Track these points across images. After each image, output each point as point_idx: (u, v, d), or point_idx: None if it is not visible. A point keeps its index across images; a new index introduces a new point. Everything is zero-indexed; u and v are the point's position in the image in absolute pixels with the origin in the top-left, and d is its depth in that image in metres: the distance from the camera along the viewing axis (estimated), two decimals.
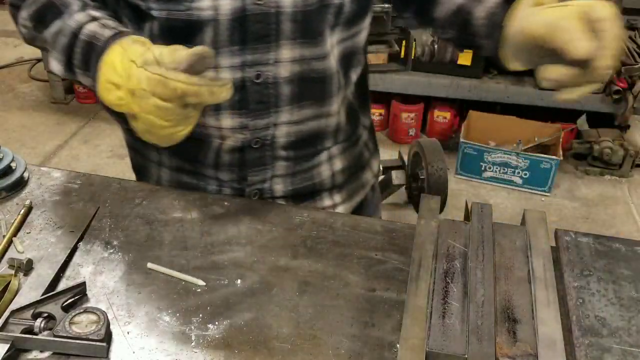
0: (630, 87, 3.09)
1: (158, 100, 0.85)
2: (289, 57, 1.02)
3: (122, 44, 0.91)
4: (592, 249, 0.94)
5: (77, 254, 0.93)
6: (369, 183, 1.30)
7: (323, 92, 1.08)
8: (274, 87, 1.04)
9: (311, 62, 1.03)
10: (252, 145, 1.09)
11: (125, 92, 0.88)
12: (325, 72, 1.06)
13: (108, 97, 0.91)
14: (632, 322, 0.82)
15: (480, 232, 0.94)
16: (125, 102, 0.89)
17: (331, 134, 1.15)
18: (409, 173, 2.71)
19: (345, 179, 1.22)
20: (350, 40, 1.09)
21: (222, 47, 0.99)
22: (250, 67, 1.01)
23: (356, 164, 1.24)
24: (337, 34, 1.05)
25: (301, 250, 0.96)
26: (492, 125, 3.23)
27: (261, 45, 1.00)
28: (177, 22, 0.98)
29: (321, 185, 1.19)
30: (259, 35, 0.99)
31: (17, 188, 1.08)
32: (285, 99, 1.05)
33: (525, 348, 0.76)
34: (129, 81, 0.87)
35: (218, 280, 0.89)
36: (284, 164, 1.13)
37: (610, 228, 2.85)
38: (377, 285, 0.89)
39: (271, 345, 0.79)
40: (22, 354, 0.77)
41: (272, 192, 1.15)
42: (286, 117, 1.07)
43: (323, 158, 1.17)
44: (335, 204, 1.22)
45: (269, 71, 1.02)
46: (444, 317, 0.80)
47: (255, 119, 1.06)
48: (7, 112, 3.70)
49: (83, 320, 0.78)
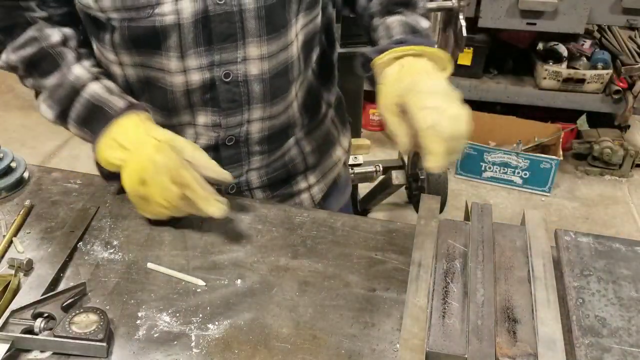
0: (630, 87, 3.09)
1: (167, 179, 0.93)
2: (257, 54, 1.01)
3: (139, 115, 0.99)
4: (592, 249, 0.94)
5: (77, 254, 0.93)
6: (341, 160, 1.31)
7: (288, 83, 1.08)
8: (244, 85, 1.04)
9: (279, 55, 1.03)
10: (226, 142, 1.10)
11: (128, 155, 0.96)
12: (289, 62, 1.06)
13: (107, 152, 0.97)
14: (632, 322, 0.82)
15: (480, 232, 0.95)
16: (122, 164, 0.96)
17: (297, 120, 1.15)
18: (409, 173, 2.70)
19: (317, 159, 1.23)
20: (312, 23, 1.09)
21: (188, 50, 0.99)
22: (219, 67, 1.01)
23: (325, 141, 1.25)
24: (300, 19, 1.05)
25: (301, 250, 0.96)
26: (492, 125, 3.23)
27: (227, 45, 1.00)
28: (139, 30, 0.97)
29: (294, 169, 1.20)
30: (224, 35, 0.99)
31: (17, 188, 1.08)
32: (256, 96, 1.05)
33: (525, 348, 0.76)
34: (138, 148, 0.95)
35: (218, 280, 0.89)
36: (258, 157, 1.14)
37: (610, 228, 2.85)
38: (377, 285, 0.89)
39: (271, 345, 0.79)
40: (22, 354, 0.77)
41: (249, 184, 1.17)
42: (258, 114, 1.08)
43: (291, 143, 1.18)
44: (310, 185, 1.24)
45: (238, 70, 1.02)
46: (444, 317, 0.80)
47: (227, 117, 1.07)
48: (7, 112, 3.69)
49: (83, 320, 0.78)
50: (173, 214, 0.97)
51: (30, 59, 1.03)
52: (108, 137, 0.98)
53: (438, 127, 0.85)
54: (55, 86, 1.03)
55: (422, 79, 0.92)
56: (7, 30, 1.03)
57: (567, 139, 3.32)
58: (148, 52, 1.00)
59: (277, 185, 1.20)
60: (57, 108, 1.03)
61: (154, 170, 0.94)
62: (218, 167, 0.97)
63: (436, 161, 0.85)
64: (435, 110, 0.87)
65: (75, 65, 1.04)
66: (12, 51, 1.03)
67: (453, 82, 0.92)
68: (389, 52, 0.97)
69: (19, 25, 1.03)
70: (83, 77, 1.03)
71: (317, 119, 1.23)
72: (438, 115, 0.86)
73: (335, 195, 1.31)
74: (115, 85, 1.05)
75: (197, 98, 1.05)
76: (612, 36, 3.35)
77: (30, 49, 1.02)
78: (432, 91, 0.90)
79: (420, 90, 0.90)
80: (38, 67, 1.04)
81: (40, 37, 1.02)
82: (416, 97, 0.89)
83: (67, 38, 1.05)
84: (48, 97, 1.04)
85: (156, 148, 0.95)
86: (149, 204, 0.97)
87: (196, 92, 1.04)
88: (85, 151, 3.69)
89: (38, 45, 1.02)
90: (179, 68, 1.00)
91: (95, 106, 1.01)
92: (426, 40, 1.00)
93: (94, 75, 1.04)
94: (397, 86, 0.92)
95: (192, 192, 0.92)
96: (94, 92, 1.02)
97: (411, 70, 0.94)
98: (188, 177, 0.92)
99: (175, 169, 0.93)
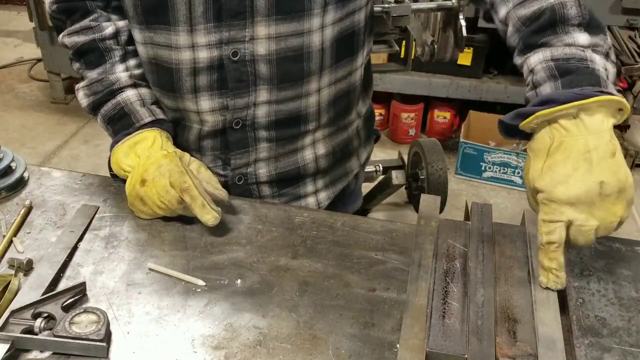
0: (630, 87, 3.09)
1: (167, 181, 0.96)
2: (265, 34, 1.01)
3: (161, 132, 1.06)
4: (592, 249, 0.94)
5: (77, 254, 0.94)
6: (354, 171, 1.29)
7: (302, 72, 1.07)
8: (251, 65, 1.04)
9: (288, 39, 1.02)
10: (233, 126, 1.11)
11: (137, 163, 1.01)
12: (305, 51, 1.04)
13: (121, 159, 1.03)
14: (632, 322, 0.82)
15: (480, 232, 0.95)
16: (130, 170, 1.01)
17: (313, 115, 1.14)
18: (408, 173, 2.70)
19: (329, 165, 1.22)
20: (348, 20, 1.07)
21: (197, 25, 1.00)
22: (227, 45, 1.02)
23: (342, 150, 1.24)
24: (330, 12, 1.02)
25: (301, 250, 0.96)
26: (492, 125, 3.22)
27: (236, 22, 1.00)
28: (150, 1, 1.00)
29: (305, 170, 1.19)
30: (233, 12, 0.99)
31: (17, 188, 1.08)
32: (263, 77, 1.05)
33: (525, 348, 0.76)
34: (149, 157, 1.00)
35: (218, 280, 0.89)
36: (266, 145, 1.14)
37: None
38: (377, 285, 0.89)
39: (271, 345, 0.79)
40: (22, 354, 0.77)
41: (257, 176, 1.16)
42: (265, 97, 1.07)
43: (307, 142, 1.17)
44: (317, 189, 1.23)
45: (246, 49, 1.02)
46: (444, 317, 0.80)
47: (234, 98, 1.07)
48: (7, 112, 3.69)
49: (83, 320, 0.78)
50: (167, 214, 1.00)
51: (80, 47, 1.11)
52: (126, 145, 1.04)
53: (558, 242, 0.79)
54: (95, 80, 1.10)
55: (563, 175, 0.79)
56: (68, 12, 1.12)
57: None
58: (158, 26, 1.02)
59: (284, 182, 1.19)
60: (91, 99, 1.11)
61: (156, 172, 0.97)
62: (218, 185, 1.03)
63: (548, 280, 0.82)
64: (561, 227, 0.79)
65: (119, 64, 1.11)
66: (68, 35, 1.12)
67: (453, 82, 0.90)
68: (534, 117, 0.82)
69: (80, 9, 1.11)
70: (122, 80, 1.10)
71: (342, 125, 1.21)
72: (561, 230, 0.79)
73: (342, 205, 1.30)
74: (151, 93, 1.13)
75: (204, 80, 1.06)
76: (612, 36, 3.35)
77: (83, 37, 1.10)
78: (567, 201, 0.79)
79: (553, 200, 0.79)
80: (85, 57, 1.11)
81: (95, 28, 1.10)
82: (547, 207, 0.80)
83: (119, 32, 1.11)
84: (86, 87, 1.12)
85: (163, 155, 1.00)
86: (145, 205, 0.99)
87: (203, 72, 1.05)
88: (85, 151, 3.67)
89: (91, 35, 1.09)
90: (187, 43, 1.02)
91: (124, 112, 1.09)
92: (578, 91, 0.80)
93: (133, 80, 1.11)
94: (537, 175, 0.82)
95: (190, 198, 0.95)
96: (127, 98, 1.10)
97: (560, 149, 0.80)
98: (189, 182, 0.95)
99: (178, 173, 0.96)
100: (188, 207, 0.96)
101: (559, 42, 0.86)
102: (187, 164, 1.02)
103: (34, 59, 4.18)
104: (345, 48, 1.10)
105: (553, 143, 0.81)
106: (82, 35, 1.10)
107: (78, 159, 3.29)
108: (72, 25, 1.11)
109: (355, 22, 1.08)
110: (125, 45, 1.12)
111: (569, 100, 0.79)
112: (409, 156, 2.72)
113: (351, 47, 1.11)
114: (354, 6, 1.07)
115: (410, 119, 3.43)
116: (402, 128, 3.47)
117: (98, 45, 1.10)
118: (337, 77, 1.12)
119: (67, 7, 1.12)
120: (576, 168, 0.78)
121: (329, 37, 1.05)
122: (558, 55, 0.86)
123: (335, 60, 1.09)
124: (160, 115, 1.11)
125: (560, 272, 0.82)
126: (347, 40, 1.09)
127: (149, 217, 1.01)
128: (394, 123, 3.49)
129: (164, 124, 1.10)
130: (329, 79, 1.11)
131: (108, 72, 1.10)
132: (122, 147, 1.04)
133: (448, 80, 3.18)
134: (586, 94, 0.80)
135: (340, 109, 1.18)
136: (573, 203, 0.78)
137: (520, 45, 0.91)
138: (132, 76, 1.12)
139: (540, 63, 0.87)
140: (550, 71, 0.85)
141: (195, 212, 0.95)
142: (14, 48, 4.45)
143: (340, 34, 1.07)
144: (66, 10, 1.12)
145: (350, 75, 1.15)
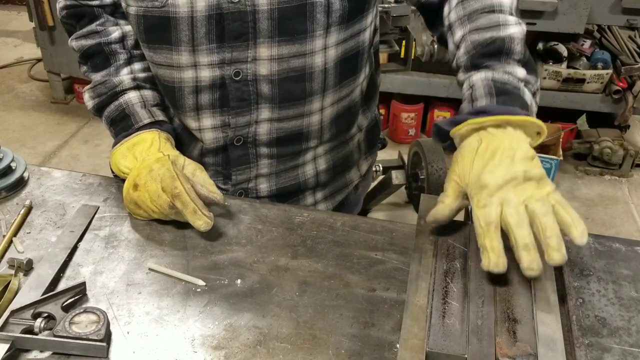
0: (630, 87, 3.09)
1: (159, 187, 0.96)
2: (267, 55, 1.02)
3: (160, 134, 1.06)
4: (592, 248, 0.94)
5: (77, 254, 0.94)
6: (353, 182, 1.30)
7: (304, 92, 1.07)
8: (253, 85, 1.04)
9: (290, 60, 1.02)
10: (235, 143, 1.11)
11: (134, 165, 1.01)
12: (307, 71, 1.05)
13: (120, 160, 1.03)
14: (632, 322, 0.82)
15: None
16: (128, 172, 1.01)
17: (314, 132, 1.14)
18: (408, 173, 2.70)
19: (329, 178, 1.23)
20: (353, 41, 1.07)
21: (199, 45, 1.01)
22: (229, 65, 1.03)
23: (342, 163, 1.24)
24: (333, 34, 1.03)
25: (301, 250, 0.96)
26: None
27: (239, 44, 1.01)
28: (153, 20, 1.01)
29: (305, 185, 1.20)
30: (236, 33, 1.00)
31: (17, 188, 1.08)
32: (265, 96, 1.06)
33: (525, 348, 0.76)
34: (145, 159, 1.00)
35: (218, 280, 0.89)
36: (267, 161, 1.14)
37: (610, 228, 2.85)
38: (377, 285, 0.89)
39: (271, 345, 0.79)
40: (22, 354, 0.77)
41: (257, 191, 1.17)
42: (267, 115, 1.08)
43: (308, 158, 1.17)
44: (316, 201, 1.24)
45: (248, 69, 1.03)
46: (444, 317, 0.80)
47: (236, 116, 1.07)
48: (7, 112, 3.70)
49: (83, 320, 0.78)
50: (162, 218, 1.00)
51: (87, 50, 1.14)
52: (124, 146, 1.04)
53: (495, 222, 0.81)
54: (99, 82, 1.13)
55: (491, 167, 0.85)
56: (77, 17, 1.15)
57: (567, 138, 3.32)
58: (160, 46, 1.03)
59: (284, 196, 1.19)
60: (96, 101, 1.14)
61: (148, 177, 0.97)
62: (214, 187, 1.01)
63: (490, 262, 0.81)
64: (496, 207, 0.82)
65: (124, 67, 1.13)
66: (76, 39, 1.15)
67: (453, 83, 0.91)
68: (466, 124, 0.90)
69: (88, 14, 1.14)
70: (125, 82, 1.12)
71: (343, 140, 1.21)
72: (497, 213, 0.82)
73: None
74: (154, 95, 1.14)
75: (206, 99, 1.06)
76: (612, 36, 3.35)
77: (90, 41, 1.13)
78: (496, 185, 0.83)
79: (483, 186, 0.84)
80: (91, 60, 1.14)
81: (101, 32, 1.12)
82: (479, 195, 0.84)
83: (125, 36, 1.13)
84: (91, 89, 1.14)
85: (157, 159, 0.99)
86: (140, 209, 0.99)
87: (205, 91, 1.05)
88: (85, 151, 3.67)
89: (97, 39, 1.12)
90: (189, 62, 1.02)
91: (125, 114, 1.10)
92: (510, 108, 0.90)
93: (136, 82, 1.12)
94: (467, 172, 0.87)
95: (181, 203, 0.94)
96: (129, 100, 1.11)
97: (488, 148, 0.87)
98: (180, 188, 0.94)
99: (169, 179, 0.95)
100: (180, 213, 0.96)
101: (501, 68, 0.96)
102: (182, 167, 1.01)
103: (34, 59, 4.18)
104: (349, 68, 1.10)
105: (481, 144, 0.88)
106: (89, 39, 1.13)
107: (78, 159, 3.29)
108: (81, 29, 1.14)
109: (360, 42, 1.09)
110: (132, 49, 1.14)
111: (500, 113, 0.89)
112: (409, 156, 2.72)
113: (355, 66, 1.12)
114: (359, 27, 1.07)
115: (410, 119, 3.44)
116: (402, 128, 3.47)
117: (104, 48, 1.12)
118: (341, 95, 1.13)
119: (76, 13, 1.15)
120: (502, 161, 0.85)
121: (332, 58, 1.05)
122: (498, 77, 0.95)
123: (339, 80, 1.10)
124: (161, 116, 1.11)
125: (502, 256, 0.81)
126: (351, 60, 1.10)
127: (146, 219, 1.01)
128: (394, 123, 3.49)
129: (164, 125, 1.10)
130: (332, 98, 1.11)
131: (112, 74, 1.12)
132: (121, 149, 1.05)
133: (448, 80, 3.18)
134: (515, 112, 0.89)
135: (342, 125, 1.18)
136: (501, 185, 0.83)
137: (467, 64, 1.00)
138: (135, 79, 1.12)
139: (481, 81, 0.96)
140: (489, 89, 0.94)
141: (187, 218, 0.95)
142: (14, 48, 4.45)
143: (344, 54, 1.07)
144: (75, 15, 1.15)
145: (353, 92, 1.15)
